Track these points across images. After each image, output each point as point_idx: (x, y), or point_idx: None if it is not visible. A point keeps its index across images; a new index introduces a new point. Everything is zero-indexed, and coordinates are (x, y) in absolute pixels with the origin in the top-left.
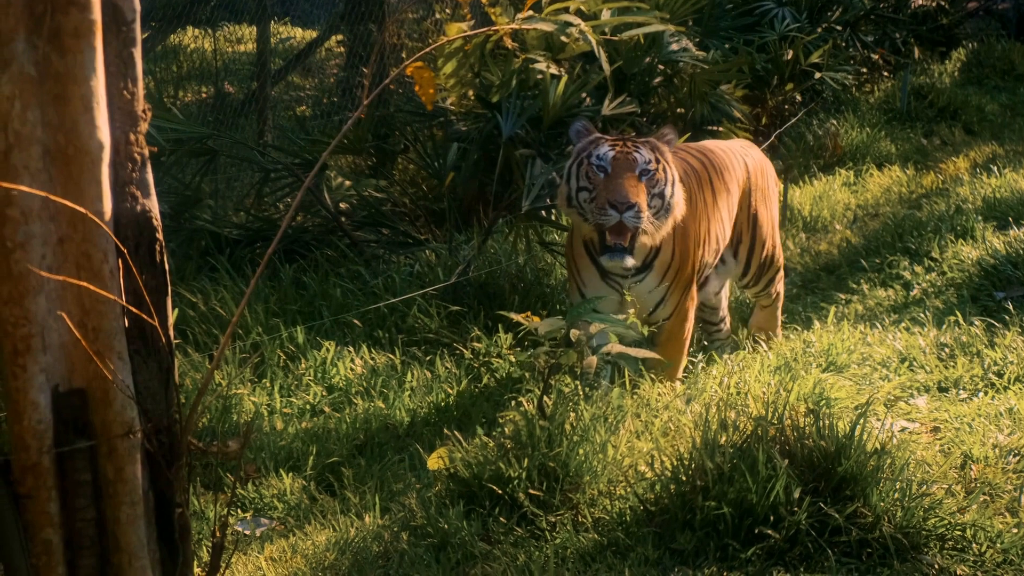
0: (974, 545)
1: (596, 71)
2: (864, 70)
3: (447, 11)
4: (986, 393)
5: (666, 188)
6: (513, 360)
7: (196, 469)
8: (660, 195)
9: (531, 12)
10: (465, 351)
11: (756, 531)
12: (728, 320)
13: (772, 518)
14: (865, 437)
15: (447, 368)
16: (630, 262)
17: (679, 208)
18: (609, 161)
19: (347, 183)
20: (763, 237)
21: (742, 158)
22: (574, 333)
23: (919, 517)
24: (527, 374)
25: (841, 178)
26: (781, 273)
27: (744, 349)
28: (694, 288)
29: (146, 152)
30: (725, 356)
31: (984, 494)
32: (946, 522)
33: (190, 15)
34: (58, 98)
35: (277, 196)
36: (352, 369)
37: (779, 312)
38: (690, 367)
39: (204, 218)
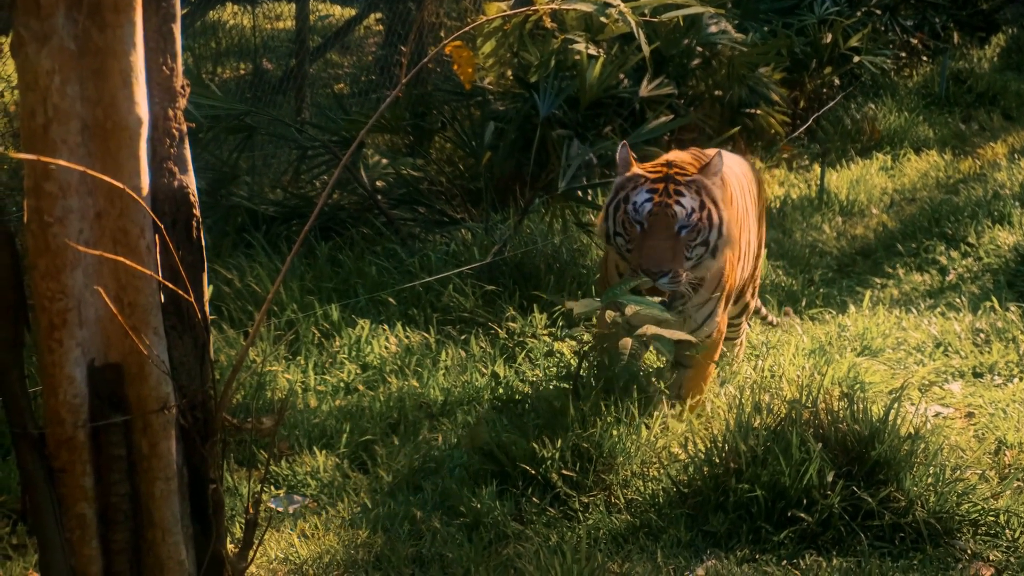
0: (1007, 531)
1: (634, 52)
2: (903, 54)
3: None
4: (1021, 379)
5: (711, 234)
6: (548, 340)
7: (230, 445)
8: (704, 243)
9: None
10: (500, 331)
11: (789, 514)
12: None
13: (805, 501)
14: (899, 422)
15: (481, 348)
16: (667, 314)
17: (729, 243)
18: (645, 216)
19: (384, 161)
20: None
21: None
22: (609, 314)
23: (952, 502)
24: (563, 354)
25: (878, 162)
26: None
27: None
28: (725, 309)
29: (184, 128)
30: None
31: (1018, 480)
32: (979, 507)
33: None
34: (97, 73)
35: (314, 174)
36: (386, 347)
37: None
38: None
39: (241, 195)
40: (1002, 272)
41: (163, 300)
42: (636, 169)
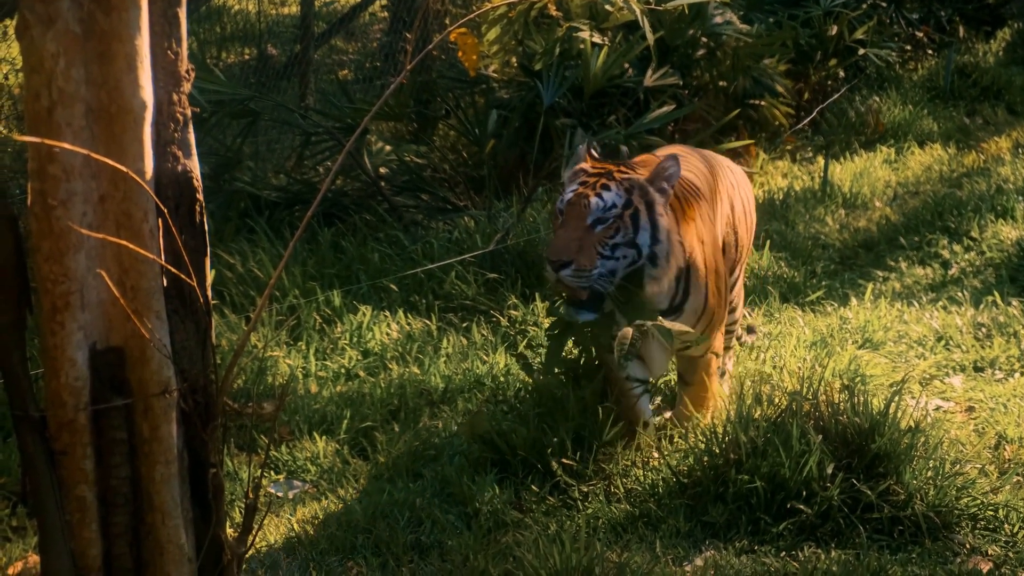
0: (1006, 525)
1: (639, 41)
2: (908, 47)
3: None
4: (1022, 374)
5: (640, 237)
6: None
7: (231, 430)
8: (630, 245)
9: None
10: (501, 319)
11: (788, 506)
12: None
13: (804, 493)
14: (899, 415)
15: (483, 335)
16: (590, 318)
17: (671, 255)
18: (564, 206)
19: (387, 148)
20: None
21: (724, 165)
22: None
23: (952, 496)
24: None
25: (882, 155)
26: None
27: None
28: (723, 328)
29: (188, 112)
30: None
31: (1018, 475)
32: (979, 502)
33: None
34: (102, 56)
35: (317, 160)
36: (388, 334)
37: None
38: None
39: (244, 180)
40: (1004, 266)
41: (165, 284)
42: (583, 164)
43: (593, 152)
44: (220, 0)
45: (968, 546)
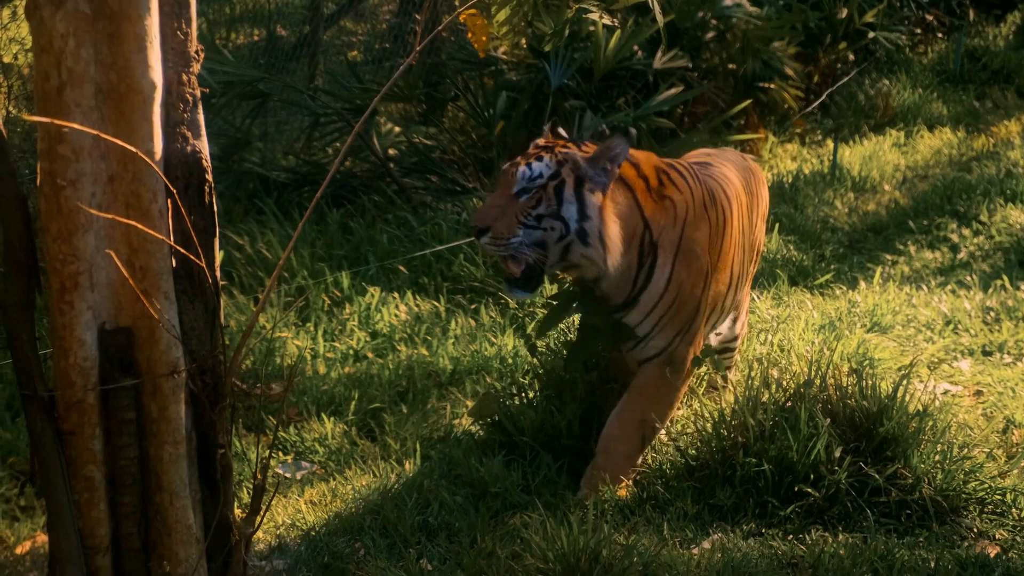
0: (1014, 510)
1: (649, 24)
2: (918, 31)
3: None
4: None
5: (563, 208)
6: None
7: (239, 411)
8: (556, 217)
9: None
10: (510, 300)
11: (796, 489)
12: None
13: (812, 477)
14: (907, 399)
15: (491, 317)
16: (526, 296)
17: (606, 236)
18: (500, 175)
19: (397, 129)
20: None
21: (760, 172)
22: None
23: (959, 480)
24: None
25: (891, 139)
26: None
27: None
28: (698, 336)
29: (197, 93)
30: None
31: None
32: (986, 486)
33: None
34: (112, 36)
35: (326, 141)
36: (396, 315)
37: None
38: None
39: (253, 161)
40: (1013, 250)
41: (174, 265)
42: (539, 140)
43: (561, 132)
44: None
45: (976, 530)
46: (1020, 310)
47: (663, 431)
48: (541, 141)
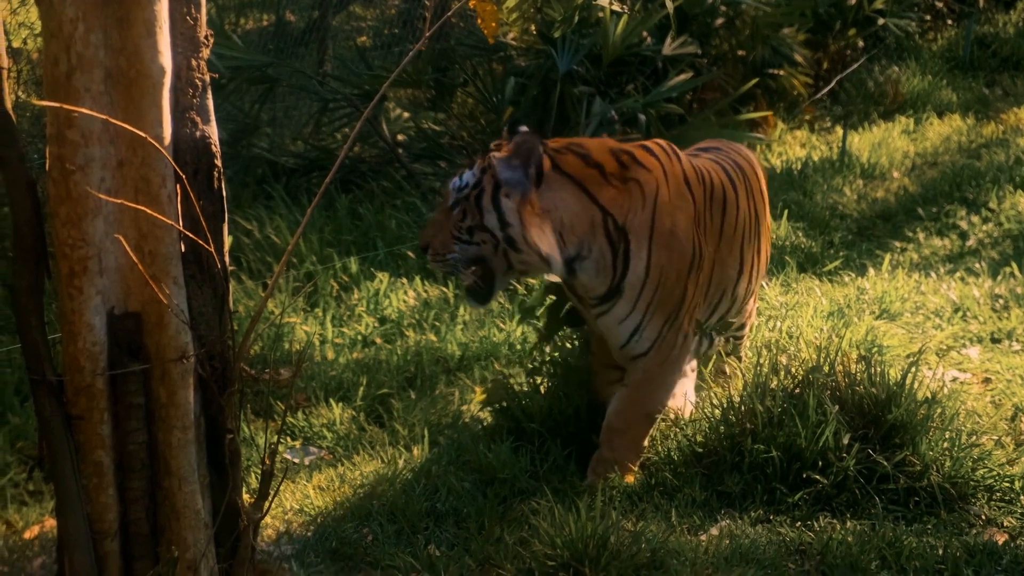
0: (1022, 497)
1: (658, 9)
2: (928, 17)
3: None
4: None
5: (486, 218)
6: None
7: (247, 396)
8: (482, 228)
9: None
10: (519, 286)
11: (804, 476)
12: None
13: (820, 463)
14: (916, 386)
15: (499, 303)
16: (479, 308)
17: (533, 237)
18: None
19: (405, 115)
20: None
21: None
22: None
23: (967, 467)
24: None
25: (900, 125)
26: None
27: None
28: (684, 321)
29: (207, 78)
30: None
31: None
32: (995, 473)
33: None
34: (121, 21)
35: (335, 126)
36: (404, 301)
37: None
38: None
39: (261, 146)
40: (1022, 238)
41: (183, 250)
42: (494, 143)
43: (522, 130)
44: None
45: (984, 517)
46: None
47: (672, 415)
48: (493, 144)
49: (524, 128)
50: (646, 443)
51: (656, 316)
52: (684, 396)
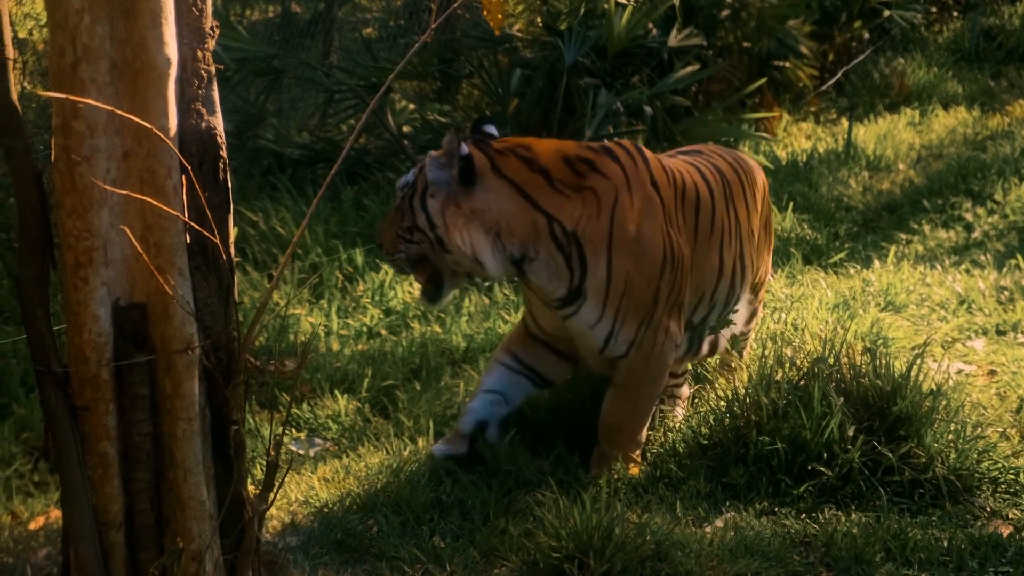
0: None
1: (663, 1)
2: (933, 9)
3: None
4: None
5: (417, 218)
6: None
7: (252, 387)
8: (415, 228)
9: None
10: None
11: (809, 468)
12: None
13: (825, 455)
14: (921, 378)
15: (504, 295)
16: (431, 307)
17: (458, 239)
18: None
19: (411, 107)
20: (761, 278)
21: (758, 175)
22: None
23: (973, 459)
24: None
25: (906, 117)
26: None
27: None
28: (663, 319)
29: (212, 69)
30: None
31: None
32: (1000, 465)
33: None
34: (127, 12)
35: (341, 117)
36: (409, 292)
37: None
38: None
39: (267, 137)
40: None
41: (188, 241)
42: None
43: (488, 130)
44: None
45: (989, 510)
46: None
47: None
48: (444, 140)
49: (491, 128)
50: (644, 435)
51: (629, 320)
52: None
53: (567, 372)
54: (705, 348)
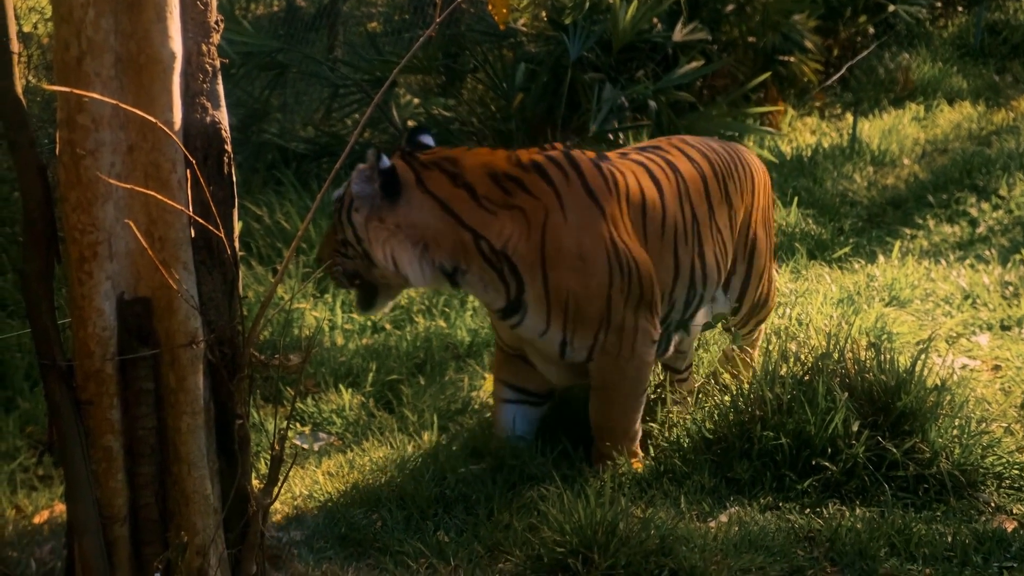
0: None
1: None
2: (938, 4)
3: None
4: None
5: (345, 231)
6: None
7: (257, 381)
8: (344, 241)
9: None
10: None
11: (813, 463)
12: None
13: (830, 451)
14: (926, 373)
15: None
16: (365, 314)
17: (382, 253)
18: None
19: (416, 101)
20: (760, 268)
21: (749, 166)
22: None
23: (977, 455)
24: None
25: (911, 112)
26: (771, 315)
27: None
28: (630, 320)
29: (217, 63)
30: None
31: None
32: (1004, 460)
33: None
34: (132, 6)
35: (345, 112)
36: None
37: (756, 359)
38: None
39: (272, 131)
40: None
41: (193, 235)
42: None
43: (424, 140)
44: None
45: (993, 505)
46: None
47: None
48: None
49: (426, 138)
50: (637, 429)
51: (581, 330)
52: None
53: (547, 382)
54: (671, 350)
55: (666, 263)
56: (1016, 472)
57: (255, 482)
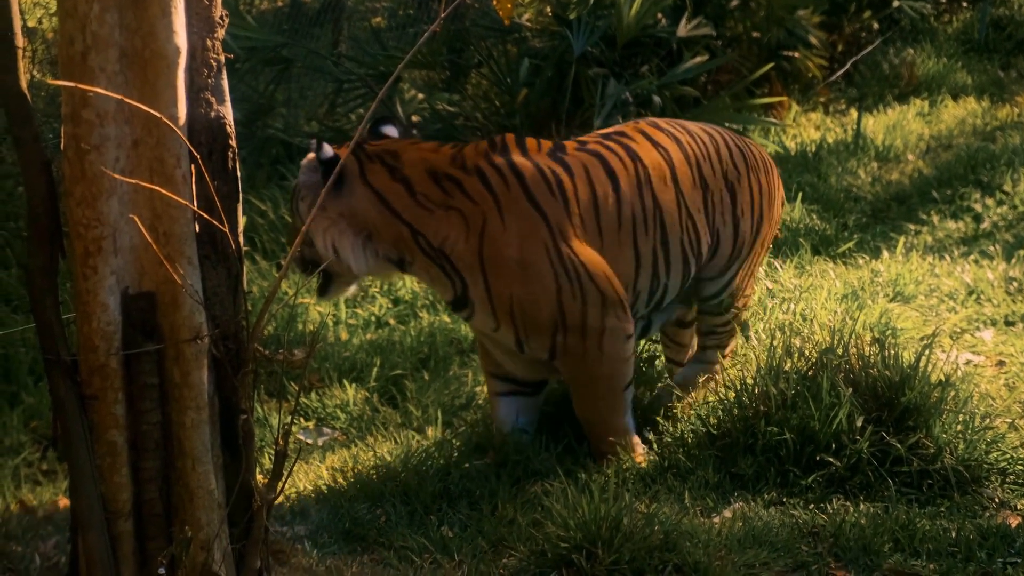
0: None
1: None
2: None
3: None
4: None
5: (296, 221)
6: None
7: (261, 376)
8: (298, 230)
9: None
10: None
11: (817, 458)
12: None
13: (834, 446)
14: (930, 368)
15: None
16: (322, 300)
17: (330, 247)
18: None
19: (420, 96)
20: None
21: (738, 147)
22: None
23: (981, 450)
24: None
25: (915, 108)
26: (743, 314)
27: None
28: (594, 321)
29: (222, 58)
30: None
31: None
32: (1008, 456)
33: None
34: (137, 1)
35: (349, 107)
36: (418, 282)
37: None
38: None
39: (276, 127)
40: None
41: (197, 230)
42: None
43: (386, 131)
44: None
45: (997, 500)
46: None
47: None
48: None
49: (388, 128)
50: (627, 420)
51: (534, 334)
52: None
53: (535, 370)
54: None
55: (625, 255)
56: (1020, 468)
57: (259, 477)
